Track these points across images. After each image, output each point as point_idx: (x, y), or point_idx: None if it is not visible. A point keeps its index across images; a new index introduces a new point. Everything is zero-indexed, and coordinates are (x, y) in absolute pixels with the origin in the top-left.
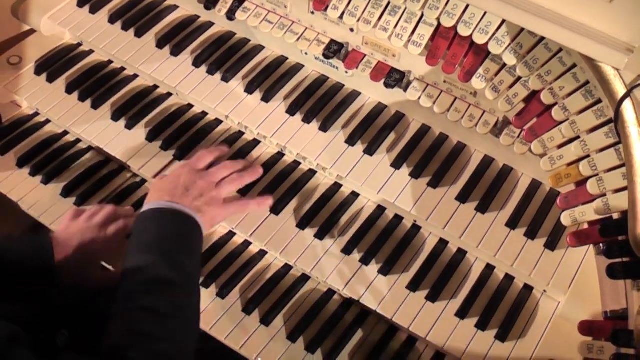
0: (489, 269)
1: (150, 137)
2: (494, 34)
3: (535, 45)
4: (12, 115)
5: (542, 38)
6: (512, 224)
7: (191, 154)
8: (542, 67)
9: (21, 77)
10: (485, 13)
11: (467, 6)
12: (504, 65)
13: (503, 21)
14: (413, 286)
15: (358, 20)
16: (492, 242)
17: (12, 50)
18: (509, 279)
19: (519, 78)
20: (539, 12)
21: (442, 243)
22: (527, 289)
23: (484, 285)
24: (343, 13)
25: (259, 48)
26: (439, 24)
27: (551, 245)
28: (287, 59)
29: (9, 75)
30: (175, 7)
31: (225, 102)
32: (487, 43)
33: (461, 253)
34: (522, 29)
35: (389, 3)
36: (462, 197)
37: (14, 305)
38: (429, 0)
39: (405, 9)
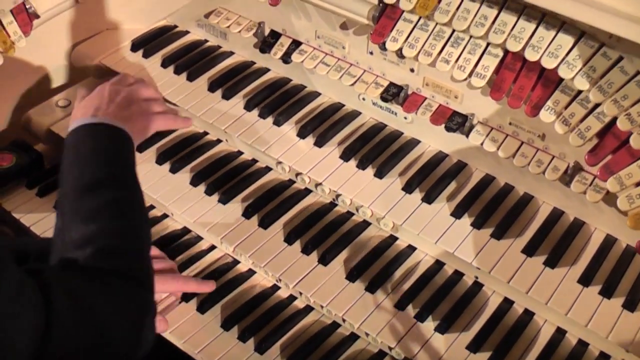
0: (560, 333)
1: (195, 182)
2: (564, 58)
3: (609, 69)
4: (56, 158)
5: (618, 61)
6: (585, 280)
7: (235, 199)
8: (618, 91)
9: (69, 119)
10: (555, 36)
11: (535, 29)
12: (576, 96)
13: (574, 44)
14: (474, 346)
15: (418, 53)
16: (563, 299)
17: (62, 94)
18: (582, 345)
19: (592, 110)
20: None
21: (507, 302)
22: (603, 357)
23: (554, 351)
24: (402, 46)
25: (315, 94)
26: (505, 56)
27: (630, 305)
28: (343, 105)
29: (55, 117)
30: (231, 53)
31: (276, 145)
32: (556, 68)
33: (528, 314)
34: (595, 52)
35: (451, 34)
36: (529, 250)
37: None
38: (494, 24)
39: (469, 39)
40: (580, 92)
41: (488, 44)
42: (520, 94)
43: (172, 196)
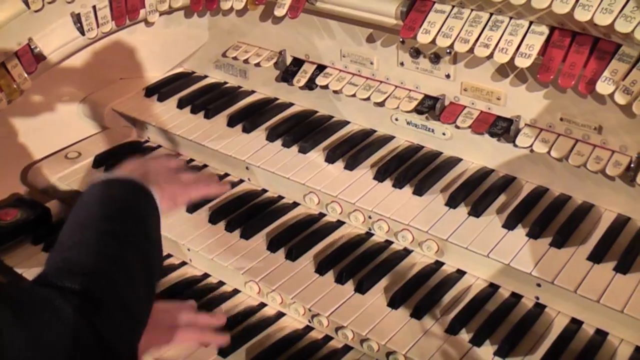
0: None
1: (214, 219)
2: (620, 12)
3: None
4: (64, 212)
5: None
6: None
7: (258, 235)
8: None
9: (77, 171)
10: None
11: None
12: (636, 62)
13: None
14: None
15: (454, 42)
16: None
17: (73, 147)
18: None
19: None
20: None
21: (575, 323)
22: None
23: None
24: (435, 38)
25: (343, 123)
26: (550, 34)
27: None
28: (375, 131)
29: (63, 169)
30: (252, 92)
31: (302, 171)
32: (612, 24)
33: (600, 335)
34: None
35: (489, 18)
36: (596, 257)
37: None
38: None
39: (509, 20)
40: None
41: (530, 23)
42: (572, 71)
43: (188, 234)
